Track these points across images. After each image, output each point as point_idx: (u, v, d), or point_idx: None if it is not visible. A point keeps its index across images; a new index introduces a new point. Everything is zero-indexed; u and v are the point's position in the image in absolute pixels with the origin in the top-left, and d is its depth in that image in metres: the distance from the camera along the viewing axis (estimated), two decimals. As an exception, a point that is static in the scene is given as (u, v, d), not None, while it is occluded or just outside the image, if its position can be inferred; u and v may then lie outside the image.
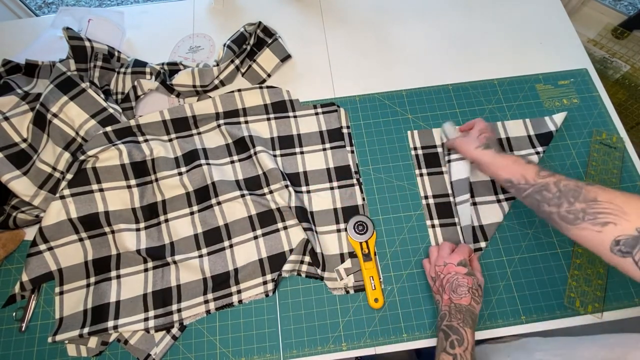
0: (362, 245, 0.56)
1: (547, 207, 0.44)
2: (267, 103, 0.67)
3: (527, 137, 0.64)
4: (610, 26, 1.09)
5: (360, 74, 0.71)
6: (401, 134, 0.66)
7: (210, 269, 0.57)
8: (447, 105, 0.68)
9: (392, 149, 0.65)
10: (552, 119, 0.64)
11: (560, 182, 0.44)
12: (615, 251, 0.37)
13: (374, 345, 0.53)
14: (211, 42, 0.76)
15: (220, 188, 0.60)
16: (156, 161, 0.62)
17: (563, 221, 0.42)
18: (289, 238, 0.58)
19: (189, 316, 0.55)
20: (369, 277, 0.55)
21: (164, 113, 0.64)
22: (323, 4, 0.79)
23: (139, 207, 0.59)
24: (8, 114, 0.59)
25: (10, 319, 0.56)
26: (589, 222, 0.39)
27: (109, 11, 0.77)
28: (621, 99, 1.08)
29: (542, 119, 0.64)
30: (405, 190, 0.62)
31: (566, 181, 0.43)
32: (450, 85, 0.69)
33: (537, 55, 0.71)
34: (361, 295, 0.56)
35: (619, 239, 0.37)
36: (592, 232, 0.39)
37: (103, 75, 0.68)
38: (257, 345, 0.54)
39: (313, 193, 0.62)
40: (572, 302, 0.54)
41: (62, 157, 0.61)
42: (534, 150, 0.62)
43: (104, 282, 0.56)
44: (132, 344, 0.53)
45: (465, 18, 0.76)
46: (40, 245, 0.55)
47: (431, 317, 0.54)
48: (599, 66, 1.09)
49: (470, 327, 0.45)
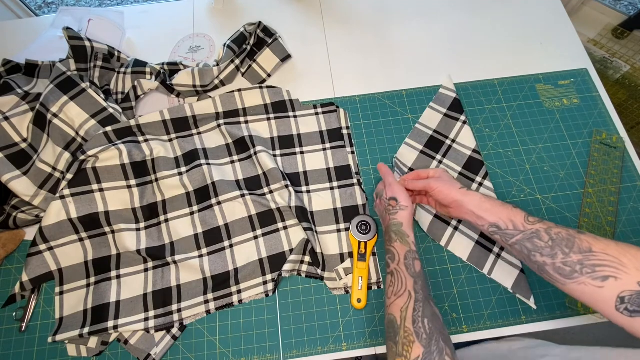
0: (361, 245, 0.56)
1: (540, 257, 0.40)
2: (267, 103, 0.67)
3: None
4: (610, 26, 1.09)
5: (360, 74, 0.71)
6: (401, 134, 0.66)
7: (210, 269, 0.57)
8: (447, 105, 0.67)
9: (392, 149, 0.65)
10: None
11: (551, 230, 0.41)
12: (622, 310, 0.34)
13: (374, 345, 0.53)
14: (211, 42, 0.76)
15: (220, 188, 0.60)
16: (156, 161, 0.62)
17: (558, 274, 0.39)
18: (289, 238, 0.58)
19: (189, 316, 0.54)
20: (359, 276, 0.55)
21: (164, 113, 0.64)
22: (323, 4, 0.79)
23: (139, 207, 0.59)
24: (8, 114, 0.59)
25: (10, 319, 0.56)
26: (588, 277, 0.36)
27: (109, 11, 0.77)
28: (621, 99, 1.08)
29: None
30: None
31: (557, 229, 0.40)
32: (450, 85, 0.69)
33: (537, 55, 0.71)
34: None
35: (622, 295, 0.34)
36: (593, 288, 0.36)
37: (103, 75, 0.68)
38: (257, 345, 0.54)
39: (313, 193, 0.62)
40: (574, 303, 0.54)
41: (62, 157, 0.61)
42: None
43: (104, 282, 0.56)
44: (132, 344, 0.53)
45: (465, 18, 0.76)
46: (40, 245, 0.55)
47: (431, 317, 0.54)
48: (599, 66, 1.09)
49: (397, 241, 0.47)
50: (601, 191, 0.60)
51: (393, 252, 0.46)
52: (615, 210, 0.59)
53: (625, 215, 0.59)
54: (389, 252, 0.47)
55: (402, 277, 0.43)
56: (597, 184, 0.60)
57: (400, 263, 0.44)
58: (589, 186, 0.61)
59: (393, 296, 0.42)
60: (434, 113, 0.66)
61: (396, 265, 0.44)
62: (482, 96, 0.68)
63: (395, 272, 0.43)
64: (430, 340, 0.37)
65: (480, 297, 0.55)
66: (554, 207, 0.60)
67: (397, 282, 0.43)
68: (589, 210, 0.59)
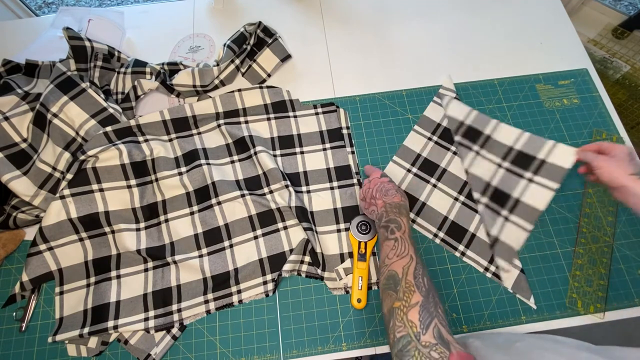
0: (361, 245, 0.56)
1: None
2: (267, 103, 0.67)
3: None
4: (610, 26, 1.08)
5: (360, 74, 0.71)
6: (401, 134, 0.66)
7: (210, 269, 0.57)
8: (447, 105, 0.67)
9: (392, 149, 0.65)
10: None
11: None
12: None
13: (374, 345, 0.53)
14: (211, 42, 0.75)
15: (220, 188, 0.60)
16: (156, 161, 0.62)
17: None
18: (289, 238, 0.58)
19: (189, 316, 0.54)
20: (359, 276, 0.55)
21: (164, 113, 0.64)
22: (323, 4, 0.79)
23: (139, 207, 0.59)
24: (8, 114, 0.59)
25: (10, 319, 0.56)
26: None
27: (109, 11, 0.77)
28: (621, 99, 1.08)
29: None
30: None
31: None
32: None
33: (537, 55, 0.71)
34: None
35: None
36: None
37: (103, 75, 0.68)
38: (257, 345, 0.54)
39: (313, 193, 0.62)
40: (574, 303, 0.54)
41: (62, 157, 0.61)
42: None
43: (104, 282, 0.56)
44: (132, 344, 0.53)
45: (465, 18, 0.76)
46: (40, 245, 0.55)
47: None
48: (599, 66, 1.09)
49: (405, 216, 0.48)
50: (601, 191, 0.60)
51: (399, 222, 0.47)
52: (615, 210, 0.59)
53: (625, 215, 0.59)
54: (394, 221, 0.47)
55: (406, 244, 0.44)
56: (597, 184, 0.60)
57: (405, 233, 0.46)
58: (589, 186, 0.60)
59: (395, 257, 0.44)
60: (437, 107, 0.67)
61: (401, 234, 0.45)
62: (482, 96, 0.68)
63: (400, 239, 0.45)
64: (428, 293, 0.39)
65: (480, 297, 0.55)
66: (554, 207, 0.60)
67: (401, 246, 0.44)
68: (589, 210, 0.59)
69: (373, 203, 0.52)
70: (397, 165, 0.63)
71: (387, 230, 0.47)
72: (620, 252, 0.57)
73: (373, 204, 0.52)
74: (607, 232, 0.58)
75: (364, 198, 0.55)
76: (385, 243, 0.46)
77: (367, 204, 0.54)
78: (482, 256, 0.57)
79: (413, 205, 0.60)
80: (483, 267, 0.56)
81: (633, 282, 0.55)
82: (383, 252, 0.46)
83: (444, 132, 0.65)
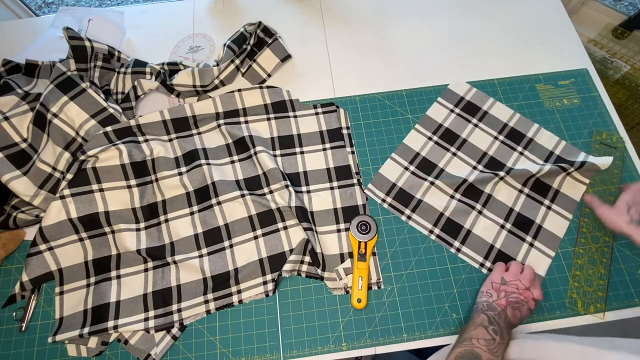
0: (361, 245, 0.56)
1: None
2: (267, 103, 0.67)
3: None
4: (610, 26, 1.08)
5: (360, 74, 0.71)
6: (401, 134, 0.66)
7: (210, 269, 0.57)
8: (447, 105, 0.67)
9: (392, 149, 0.65)
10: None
11: None
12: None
13: (374, 345, 0.53)
14: (211, 42, 0.76)
15: (220, 188, 0.60)
16: (156, 161, 0.62)
17: None
18: (289, 238, 0.58)
19: (189, 316, 0.54)
20: (359, 276, 0.55)
21: (164, 113, 0.64)
22: (323, 4, 0.79)
23: (139, 207, 0.59)
24: (8, 114, 0.59)
25: (10, 319, 0.56)
26: None
27: (109, 11, 0.77)
28: (621, 99, 1.08)
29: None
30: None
31: None
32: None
33: (537, 55, 0.71)
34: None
35: None
36: None
37: (103, 75, 0.68)
38: (257, 345, 0.54)
39: (313, 193, 0.62)
40: (574, 303, 0.54)
41: (62, 157, 0.61)
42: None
43: (104, 282, 0.56)
44: (132, 344, 0.53)
45: (465, 18, 0.76)
46: (40, 245, 0.55)
47: (431, 317, 0.54)
48: (599, 66, 1.09)
49: (508, 337, 0.46)
50: (601, 191, 0.60)
51: (504, 334, 0.45)
52: (615, 210, 0.59)
53: (625, 215, 0.59)
54: (500, 330, 0.45)
55: (501, 351, 0.44)
56: (597, 184, 0.60)
57: (503, 345, 0.44)
58: (589, 186, 0.60)
59: (485, 348, 0.43)
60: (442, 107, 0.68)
61: (500, 341, 0.44)
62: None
63: (499, 345, 0.44)
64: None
65: (480, 297, 0.55)
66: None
67: (495, 347, 0.43)
68: (589, 210, 0.59)
69: (497, 294, 0.50)
70: (395, 162, 0.63)
71: (489, 322, 0.46)
72: (620, 252, 0.57)
73: (496, 293, 0.50)
74: (607, 232, 0.58)
75: (500, 283, 0.51)
76: (480, 328, 0.45)
77: (495, 286, 0.51)
78: (477, 252, 0.57)
79: (409, 202, 0.60)
80: (479, 263, 0.57)
81: (633, 282, 0.55)
82: (473, 332, 0.45)
83: (445, 132, 0.65)
